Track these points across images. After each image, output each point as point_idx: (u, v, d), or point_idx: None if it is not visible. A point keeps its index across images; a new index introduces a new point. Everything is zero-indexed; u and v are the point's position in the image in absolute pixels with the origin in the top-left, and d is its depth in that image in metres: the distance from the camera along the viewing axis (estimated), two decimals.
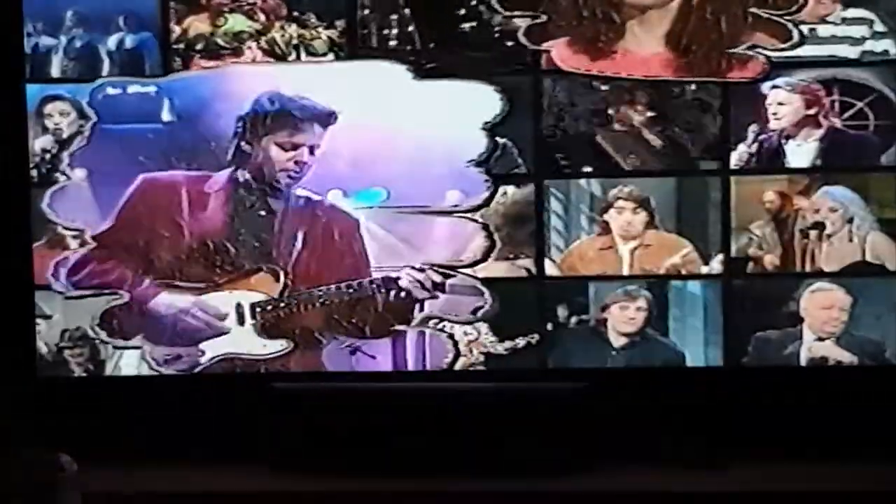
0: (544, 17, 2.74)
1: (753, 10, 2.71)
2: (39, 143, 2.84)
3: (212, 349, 2.85)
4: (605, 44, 2.74)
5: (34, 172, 2.84)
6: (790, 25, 2.71)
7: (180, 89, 2.81)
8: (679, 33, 2.73)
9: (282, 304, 2.83)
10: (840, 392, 2.74)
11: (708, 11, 2.72)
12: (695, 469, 2.74)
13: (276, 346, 2.84)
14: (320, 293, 2.81)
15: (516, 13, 2.75)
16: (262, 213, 2.82)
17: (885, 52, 2.73)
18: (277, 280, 2.82)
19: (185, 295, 2.83)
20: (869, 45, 2.73)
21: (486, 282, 2.80)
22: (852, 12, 2.72)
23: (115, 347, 2.86)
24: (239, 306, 2.83)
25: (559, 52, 2.74)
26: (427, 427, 2.76)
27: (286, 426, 2.80)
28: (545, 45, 2.75)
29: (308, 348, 2.83)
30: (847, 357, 2.77)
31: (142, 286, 2.83)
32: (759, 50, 2.72)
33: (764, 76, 2.72)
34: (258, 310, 2.83)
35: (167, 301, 2.83)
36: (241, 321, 2.84)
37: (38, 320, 2.86)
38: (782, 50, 2.72)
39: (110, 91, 2.83)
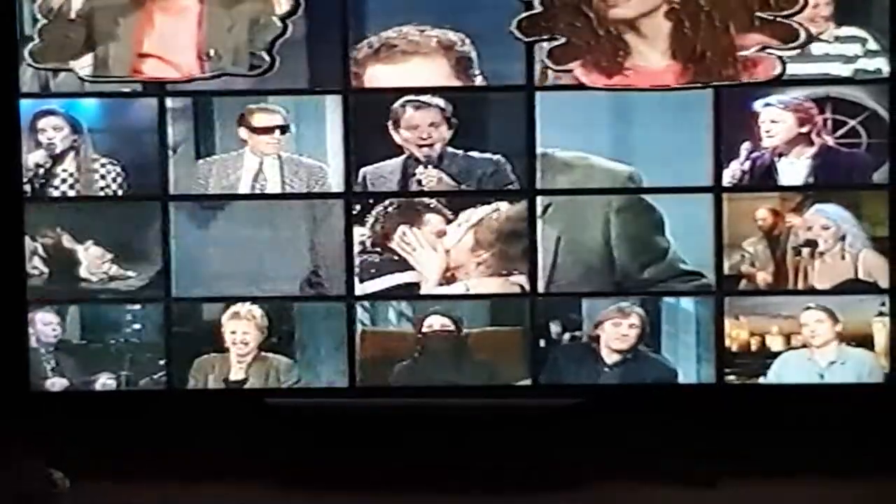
0: (563, 39, 2.75)
1: (757, 13, 2.71)
2: (32, 158, 2.84)
3: None
4: (622, 58, 2.74)
5: (27, 187, 2.84)
6: (795, 25, 2.71)
7: None
8: (681, 42, 2.74)
9: None
10: (834, 410, 2.75)
11: (706, 16, 2.73)
12: (687, 486, 2.75)
13: None
14: None
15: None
16: None
17: (878, 70, 2.73)
18: None
19: None
20: (862, 64, 2.73)
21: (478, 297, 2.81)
22: (845, 31, 2.72)
23: None
24: None
25: (581, 71, 2.75)
26: (418, 442, 2.77)
27: (280, 441, 2.81)
28: (568, 66, 2.75)
29: None
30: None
31: None
32: (770, 51, 2.72)
33: (779, 76, 2.72)
34: None
35: None
36: None
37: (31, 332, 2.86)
38: (792, 49, 2.71)
39: None
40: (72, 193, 2.83)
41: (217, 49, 2.78)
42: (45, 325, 2.85)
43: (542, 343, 2.81)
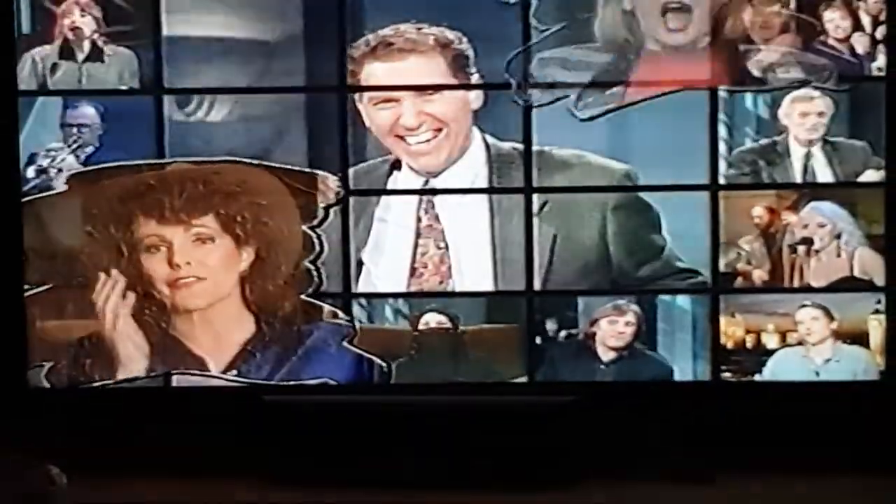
0: None
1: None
2: None
3: None
4: None
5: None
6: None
7: None
8: None
9: None
10: (829, 408, 2.75)
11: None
12: (683, 483, 2.75)
13: None
14: None
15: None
16: None
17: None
18: None
19: None
20: None
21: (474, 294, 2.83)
22: None
23: None
24: None
25: None
26: (414, 440, 2.77)
27: (277, 438, 2.81)
28: None
29: None
30: None
31: None
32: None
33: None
34: None
35: None
36: None
37: None
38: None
39: None
40: None
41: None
42: None
43: (538, 340, 2.82)
